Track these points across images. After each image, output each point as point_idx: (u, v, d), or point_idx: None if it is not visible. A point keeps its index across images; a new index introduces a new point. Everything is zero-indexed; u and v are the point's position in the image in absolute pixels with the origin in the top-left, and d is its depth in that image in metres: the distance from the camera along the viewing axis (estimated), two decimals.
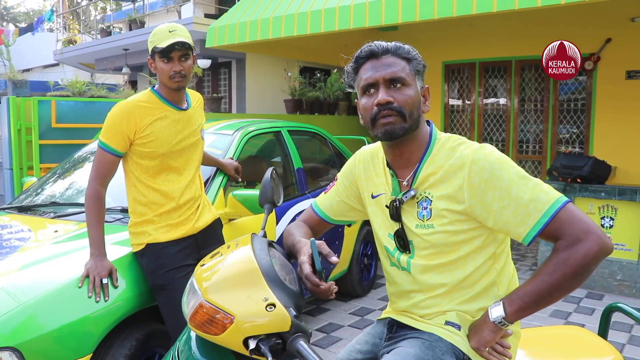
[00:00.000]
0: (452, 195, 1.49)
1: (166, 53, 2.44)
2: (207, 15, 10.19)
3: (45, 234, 2.90)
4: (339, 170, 1.87)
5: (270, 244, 1.52)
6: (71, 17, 15.11)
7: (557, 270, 1.38)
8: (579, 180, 5.37)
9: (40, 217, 3.19)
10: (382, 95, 1.50)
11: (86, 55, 12.47)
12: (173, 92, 2.55)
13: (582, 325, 4.24)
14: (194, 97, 2.75)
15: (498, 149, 1.51)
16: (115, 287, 2.40)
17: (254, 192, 3.05)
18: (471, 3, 5.18)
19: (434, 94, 8.56)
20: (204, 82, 11.81)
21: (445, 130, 8.45)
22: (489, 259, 1.54)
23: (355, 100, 1.63)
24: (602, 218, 5.27)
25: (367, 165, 1.73)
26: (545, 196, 1.42)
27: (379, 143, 1.68)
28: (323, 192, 1.86)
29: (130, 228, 2.59)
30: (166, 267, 2.49)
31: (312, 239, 1.45)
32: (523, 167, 8.23)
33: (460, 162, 1.49)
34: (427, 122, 1.64)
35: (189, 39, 2.49)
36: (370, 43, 1.58)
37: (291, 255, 1.62)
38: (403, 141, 1.55)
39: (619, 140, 6.96)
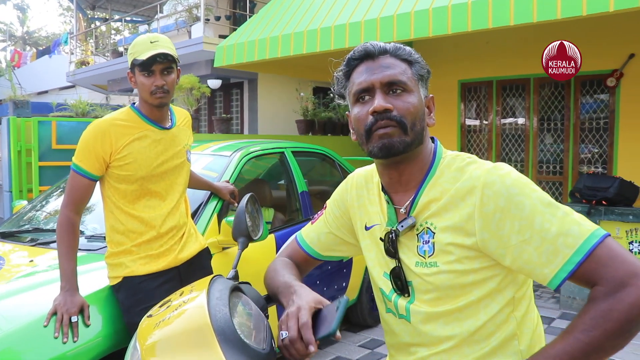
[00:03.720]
0: (459, 226, 1.21)
1: (147, 66, 2.21)
2: (221, 36, 10.05)
3: (20, 264, 2.67)
4: None
5: (238, 288, 1.24)
6: (85, 39, 15.17)
7: (596, 326, 1.05)
8: (604, 202, 5.06)
9: (21, 244, 2.97)
10: (378, 102, 1.22)
11: (99, 76, 12.43)
12: (155, 109, 2.31)
13: None
14: (180, 115, 2.50)
15: (517, 169, 1.22)
16: (87, 325, 2.15)
17: None
18: (487, 17, 4.93)
19: (450, 114, 8.28)
20: (216, 103, 11.67)
21: (462, 151, 8.12)
22: (506, 306, 1.23)
23: (347, 112, 1.36)
24: (630, 243, 4.92)
25: (360, 191, 1.45)
26: (577, 229, 1.12)
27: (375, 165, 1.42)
28: (310, 222, 1.58)
29: (107, 259, 2.34)
30: (144, 303, 2.21)
31: (346, 297, 1.14)
32: (543, 188, 7.93)
33: (469, 185, 1.21)
34: (432, 138, 1.36)
35: (172, 51, 2.25)
36: (366, 43, 1.32)
37: (274, 298, 1.35)
38: (403, 160, 1.27)
39: None
